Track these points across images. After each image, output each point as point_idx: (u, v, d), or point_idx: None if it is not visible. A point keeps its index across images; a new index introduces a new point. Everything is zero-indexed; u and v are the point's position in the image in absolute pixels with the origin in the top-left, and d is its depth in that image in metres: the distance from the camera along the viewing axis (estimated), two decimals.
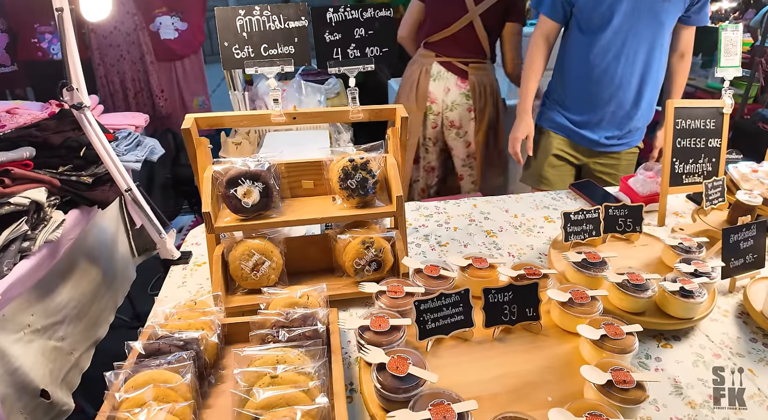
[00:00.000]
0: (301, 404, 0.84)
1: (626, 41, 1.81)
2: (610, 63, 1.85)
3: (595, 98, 1.94)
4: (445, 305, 1.08)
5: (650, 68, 1.88)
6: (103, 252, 1.57)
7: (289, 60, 1.23)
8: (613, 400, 0.90)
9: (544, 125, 2.13)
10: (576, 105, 2.00)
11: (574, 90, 1.99)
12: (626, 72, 1.87)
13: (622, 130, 2.01)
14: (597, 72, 1.89)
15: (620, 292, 1.18)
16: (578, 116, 2.01)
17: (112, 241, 1.63)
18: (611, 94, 1.91)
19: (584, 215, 1.41)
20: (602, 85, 1.90)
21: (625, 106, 1.94)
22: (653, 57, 1.87)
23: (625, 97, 1.92)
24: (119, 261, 1.67)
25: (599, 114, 1.97)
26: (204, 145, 1.25)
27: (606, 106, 1.94)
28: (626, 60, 1.85)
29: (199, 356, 1.00)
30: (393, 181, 1.26)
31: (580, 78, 1.95)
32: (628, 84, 1.89)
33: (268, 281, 1.22)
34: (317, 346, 0.98)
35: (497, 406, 0.95)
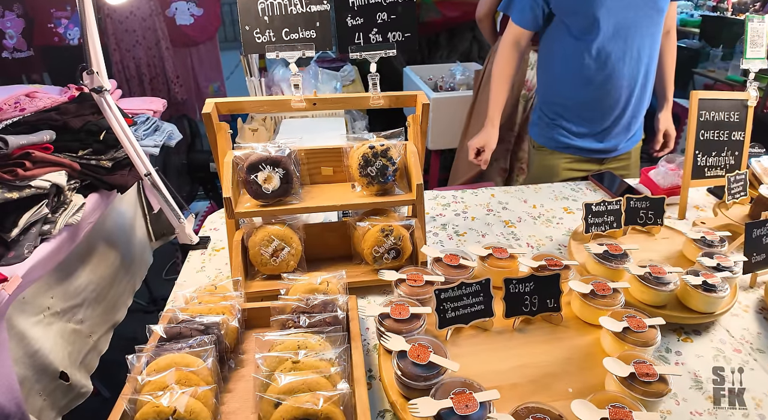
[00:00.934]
0: (323, 390, 0.84)
1: (628, 38, 1.65)
2: (615, 65, 1.68)
3: (602, 105, 1.77)
4: (465, 294, 1.07)
5: (653, 60, 1.75)
6: (121, 236, 1.57)
7: (311, 44, 1.21)
8: (635, 392, 0.89)
9: (547, 145, 1.95)
10: (579, 116, 1.83)
11: (575, 100, 1.81)
12: (633, 71, 1.71)
13: (631, 130, 1.87)
14: (600, 77, 1.71)
15: (642, 285, 1.17)
16: (583, 128, 1.84)
17: (130, 225, 1.63)
18: (618, 97, 1.75)
19: (605, 206, 1.39)
20: (608, 90, 1.73)
21: (634, 106, 1.80)
22: (654, 48, 1.74)
23: (633, 97, 1.77)
24: (137, 245, 1.67)
25: (607, 121, 1.81)
26: (224, 131, 1.24)
27: (614, 110, 1.78)
28: (631, 58, 1.69)
29: (219, 340, 1.00)
30: (413, 168, 1.25)
31: (579, 87, 1.76)
32: (635, 83, 1.74)
33: (287, 267, 1.22)
34: (338, 333, 0.97)
35: (517, 396, 0.94)
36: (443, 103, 2.80)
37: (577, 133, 1.85)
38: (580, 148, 1.87)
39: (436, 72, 3.14)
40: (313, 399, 0.81)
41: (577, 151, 1.88)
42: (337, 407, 0.82)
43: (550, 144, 1.92)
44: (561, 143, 1.89)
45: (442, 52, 3.47)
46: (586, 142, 1.85)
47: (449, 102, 2.85)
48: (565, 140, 1.87)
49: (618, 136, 1.86)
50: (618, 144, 1.88)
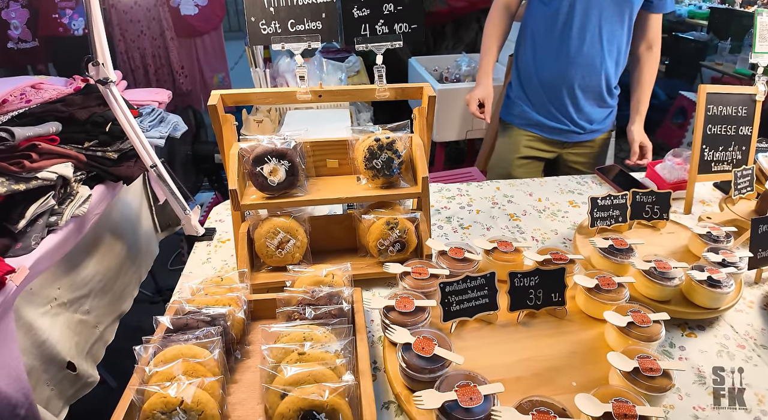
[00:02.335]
0: (329, 381, 0.84)
1: (589, 13, 1.70)
2: (575, 39, 1.74)
3: (562, 83, 1.83)
4: (470, 288, 1.07)
5: (618, 54, 1.79)
6: (127, 227, 1.58)
7: (317, 36, 1.21)
8: (639, 387, 0.89)
9: (509, 120, 2.00)
10: (541, 93, 1.88)
11: (538, 75, 1.87)
12: (593, 52, 1.75)
13: (592, 117, 1.90)
14: (562, 51, 1.77)
15: (646, 280, 1.16)
16: (544, 106, 1.89)
17: (136, 216, 1.64)
18: (576, 76, 1.80)
19: (611, 200, 1.38)
20: (568, 67, 1.79)
21: (594, 92, 1.84)
22: (619, 42, 1.77)
23: (593, 81, 1.81)
24: (143, 236, 1.68)
25: (567, 100, 1.85)
26: (230, 122, 1.24)
27: (573, 90, 1.83)
28: (592, 37, 1.73)
29: (226, 332, 1.00)
30: (419, 161, 1.24)
31: (542, 60, 1.83)
32: (595, 66, 1.78)
33: (293, 259, 1.22)
34: (343, 325, 0.98)
35: (521, 390, 0.95)
36: (448, 94, 2.77)
37: (536, 109, 1.91)
38: (539, 124, 1.93)
39: (441, 63, 3.11)
40: (318, 390, 0.82)
41: (536, 128, 1.94)
42: (343, 399, 0.83)
43: (514, 120, 1.99)
44: (522, 119, 1.95)
45: (447, 43, 3.43)
46: (544, 119, 1.91)
47: (454, 93, 2.82)
48: (525, 115, 1.94)
49: (575, 119, 1.90)
50: (575, 127, 1.91)
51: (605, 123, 1.98)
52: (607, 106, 1.94)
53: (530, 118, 1.94)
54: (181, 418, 0.82)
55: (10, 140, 1.19)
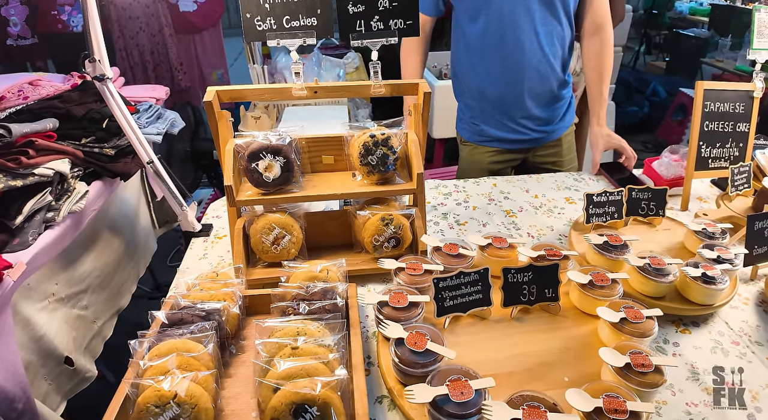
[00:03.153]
0: (321, 375, 0.85)
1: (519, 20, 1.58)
2: (510, 48, 1.62)
3: (505, 93, 1.72)
4: (464, 283, 1.07)
5: (556, 46, 1.66)
6: (125, 223, 1.59)
7: (312, 32, 1.21)
8: (630, 382, 0.89)
9: (467, 138, 1.90)
10: (489, 107, 1.78)
11: (481, 90, 1.76)
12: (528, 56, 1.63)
13: (546, 119, 1.79)
14: (496, 63, 1.66)
15: (641, 276, 1.17)
16: (495, 119, 1.79)
17: (133, 212, 1.65)
18: (516, 84, 1.68)
19: (607, 197, 1.38)
20: (506, 76, 1.68)
21: (546, 93, 1.73)
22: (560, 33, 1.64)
23: (542, 85, 1.70)
24: (141, 232, 1.69)
25: (514, 110, 1.75)
26: (225, 119, 1.24)
27: (517, 98, 1.72)
28: (530, 44, 1.61)
29: (221, 326, 1.01)
30: (414, 157, 1.25)
31: (480, 75, 1.72)
32: (532, 68, 1.66)
33: (288, 255, 1.23)
34: (337, 320, 0.98)
35: (513, 385, 0.95)
36: (447, 90, 2.75)
37: (492, 125, 1.81)
38: (498, 139, 1.83)
39: (440, 59, 3.10)
40: (311, 384, 0.83)
41: (496, 142, 1.84)
42: (335, 392, 0.84)
43: (472, 138, 1.89)
44: (481, 136, 1.86)
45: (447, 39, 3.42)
46: (502, 133, 1.81)
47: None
48: (483, 133, 1.84)
49: (533, 127, 1.79)
50: (536, 134, 1.81)
51: (566, 120, 1.87)
52: (561, 101, 1.81)
53: (487, 135, 1.83)
54: (174, 411, 0.83)
55: (7, 137, 1.19)
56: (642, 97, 4.29)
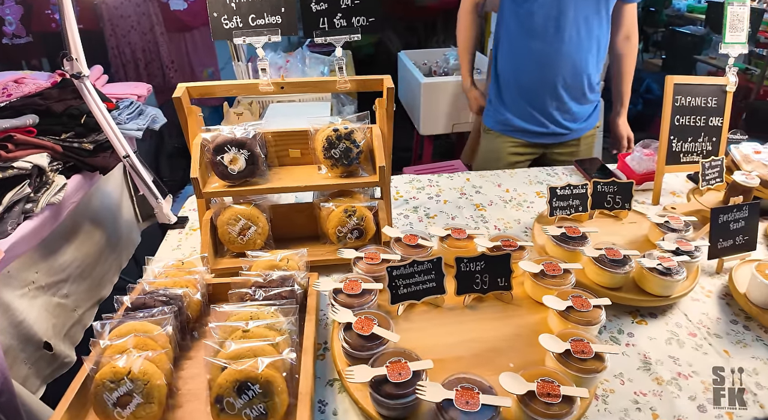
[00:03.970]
0: (268, 356, 0.91)
1: (564, 10, 1.71)
2: (551, 40, 1.75)
3: (540, 85, 1.85)
4: (417, 272, 1.12)
5: (597, 49, 1.81)
6: (107, 216, 1.66)
7: (276, 30, 1.27)
8: (570, 368, 0.92)
9: (491, 127, 2.03)
10: (520, 97, 1.90)
11: (516, 79, 1.89)
12: (570, 51, 1.76)
13: (575, 116, 1.92)
14: (537, 52, 1.79)
15: (596, 267, 1.20)
16: (524, 109, 1.91)
17: (116, 206, 1.72)
18: (555, 77, 1.82)
19: (571, 190, 1.42)
20: (545, 68, 1.81)
21: (574, 90, 1.85)
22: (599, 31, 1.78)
23: (572, 80, 1.83)
24: (123, 225, 1.76)
25: (546, 102, 1.87)
26: (195, 114, 1.31)
27: (552, 91, 1.84)
28: (570, 37, 1.74)
29: (181, 311, 1.08)
30: (377, 151, 1.30)
31: (519, 63, 1.85)
32: (573, 64, 1.79)
33: (255, 245, 1.29)
34: (291, 305, 1.04)
35: (459, 369, 0.98)
36: (434, 88, 2.81)
37: (518, 115, 1.93)
38: (522, 130, 1.95)
39: (430, 57, 3.16)
40: (255, 363, 0.88)
41: (519, 133, 1.96)
42: (278, 372, 0.89)
43: (496, 127, 2.01)
44: (505, 126, 1.97)
45: (438, 37, 3.48)
46: (527, 124, 1.93)
47: (440, 87, 2.86)
48: (508, 122, 1.95)
49: (560, 120, 1.92)
50: (560, 129, 1.94)
51: (589, 121, 2.00)
52: (589, 103, 1.95)
53: (512, 125, 1.95)
54: (128, 387, 0.89)
55: None
56: (635, 95, 4.31)
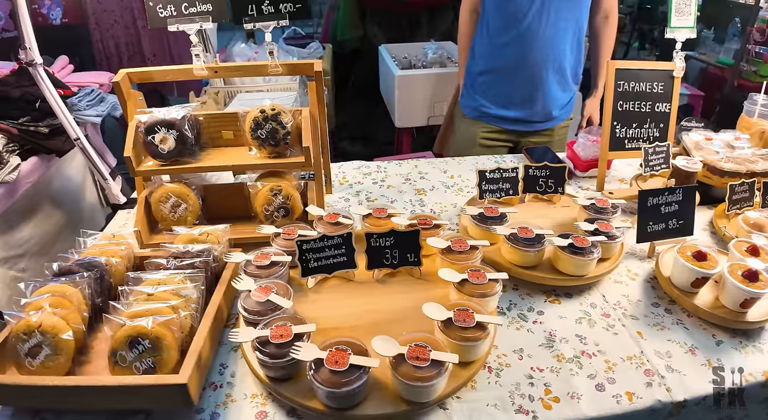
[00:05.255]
0: (162, 316, 1.01)
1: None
2: (528, 27, 1.81)
3: (515, 72, 1.90)
4: (327, 246, 1.20)
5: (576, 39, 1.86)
6: (67, 198, 1.80)
7: (207, 17, 1.38)
8: (450, 336, 0.99)
9: (468, 114, 2.10)
10: (495, 83, 1.96)
11: (492, 65, 1.95)
12: (548, 40, 1.82)
13: (548, 105, 1.97)
14: (514, 40, 1.84)
15: (509, 246, 1.26)
16: (498, 96, 1.98)
17: (77, 189, 1.86)
18: (531, 66, 1.87)
19: (500, 174, 1.48)
20: (521, 56, 1.86)
21: (549, 80, 1.91)
22: (578, 25, 1.84)
23: (547, 70, 1.88)
24: (86, 208, 1.90)
25: (520, 89, 1.94)
26: (135, 98, 1.43)
27: (527, 80, 1.91)
28: (547, 23, 1.80)
29: (103, 278, 1.19)
30: (305, 132, 1.38)
31: (496, 49, 1.91)
32: (550, 54, 1.85)
33: (186, 222, 1.39)
34: (199, 274, 1.14)
35: (355, 336, 1.07)
36: (409, 80, 2.89)
37: (492, 101, 1.99)
38: (495, 116, 2.00)
39: (411, 50, 3.23)
40: (147, 322, 0.98)
41: (492, 119, 2.02)
42: (168, 329, 0.99)
43: (470, 113, 2.07)
44: (479, 112, 2.03)
45: (423, 32, 3.54)
46: (500, 110, 1.98)
47: (414, 79, 2.93)
48: (482, 108, 2.01)
49: (532, 109, 1.97)
50: (533, 116, 1.98)
51: (564, 111, 2.05)
52: (564, 91, 1.99)
53: (485, 111, 2.03)
54: (38, 339, 1.00)
55: None
56: None
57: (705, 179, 1.64)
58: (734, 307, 1.19)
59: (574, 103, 2.12)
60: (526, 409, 0.98)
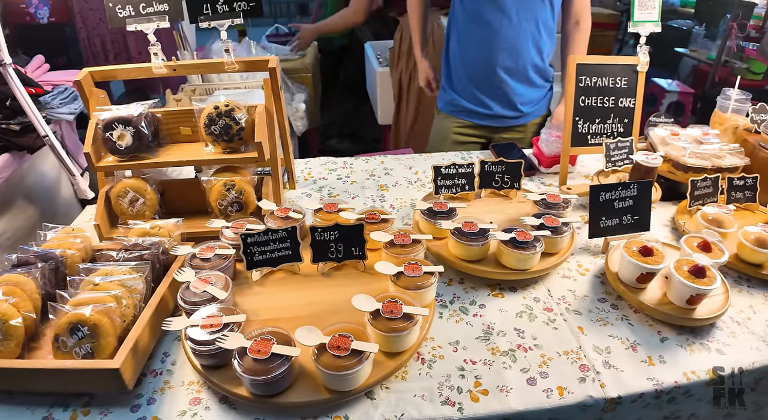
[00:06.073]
0: (101, 304, 1.07)
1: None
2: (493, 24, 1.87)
3: (484, 67, 1.97)
4: (272, 240, 1.26)
5: (533, 25, 1.90)
6: (41, 194, 1.89)
7: (164, 17, 1.44)
8: (377, 328, 1.03)
9: (442, 109, 2.17)
10: (467, 78, 2.03)
11: (463, 60, 2.02)
12: (513, 36, 1.88)
13: (518, 101, 2.04)
14: (481, 36, 1.91)
15: (453, 240, 1.30)
16: (470, 91, 2.04)
17: (52, 185, 1.94)
18: (497, 60, 1.94)
19: (456, 169, 1.52)
20: (489, 51, 1.93)
21: (518, 75, 1.98)
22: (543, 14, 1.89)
23: (517, 59, 1.94)
24: (61, 205, 1.99)
25: (491, 84, 2.00)
26: (96, 96, 1.50)
27: (496, 75, 1.97)
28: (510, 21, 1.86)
29: (58, 269, 1.26)
30: (258, 128, 1.44)
31: (465, 45, 1.98)
32: (517, 50, 1.92)
33: (144, 217, 1.46)
34: (145, 265, 1.20)
35: (290, 327, 1.12)
36: (389, 77, 2.92)
37: (464, 96, 2.05)
38: (468, 110, 2.06)
39: None
40: (86, 309, 1.05)
41: (465, 114, 2.08)
42: (107, 317, 1.05)
43: (445, 108, 2.14)
44: (453, 107, 2.09)
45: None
46: (473, 106, 2.04)
47: None
48: (455, 103, 2.07)
49: (503, 103, 2.03)
50: (504, 111, 2.04)
51: (537, 108, 2.10)
52: (534, 87, 2.05)
53: (459, 105, 2.09)
54: None
55: None
56: None
57: (670, 175, 1.65)
58: (681, 304, 1.21)
59: (549, 100, 2.16)
60: (453, 400, 1.01)
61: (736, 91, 1.76)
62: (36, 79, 1.90)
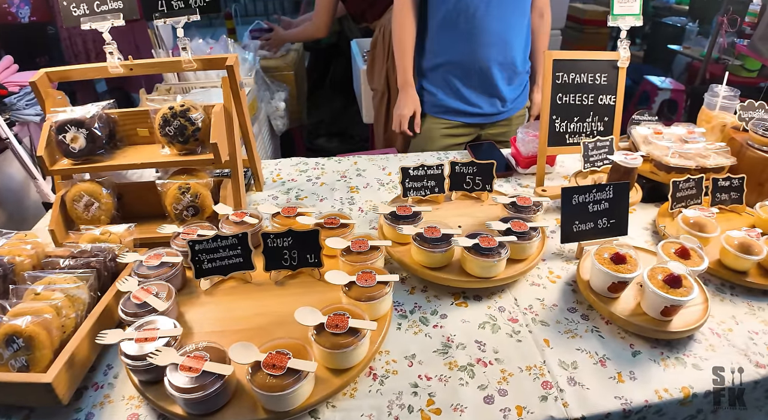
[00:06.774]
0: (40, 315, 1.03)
1: None
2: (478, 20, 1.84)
3: (468, 64, 1.93)
4: (222, 247, 1.21)
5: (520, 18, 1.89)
6: (9, 197, 1.86)
7: (119, 14, 1.40)
8: (319, 343, 0.98)
9: (428, 111, 2.11)
10: (450, 76, 1.98)
11: (445, 59, 1.97)
12: (497, 32, 1.86)
13: (503, 95, 2.02)
14: (465, 31, 1.87)
15: (415, 247, 1.25)
16: (453, 89, 2.00)
17: (20, 188, 1.92)
18: (482, 56, 1.91)
19: (425, 171, 1.46)
20: (473, 48, 1.89)
21: (501, 69, 1.95)
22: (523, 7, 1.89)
23: (499, 60, 1.92)
24: (30, 207, 1.96)
25: (474, 81, 1.97)
26: (53, 97, 1.46)
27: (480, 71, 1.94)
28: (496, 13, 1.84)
29: (6, 276, 1.22)
30: (213, 128, 1.38)
31: (447, 43, 1.93)
32: (501, 46, 1.90)
33: (99, 221, 1.42)
34: (88, 274, 1.16)
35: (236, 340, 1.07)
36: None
37: (450, 95, 2.00)
38: (455, 110, 2.02)
39: None
40: (23, 321, 1.01)
41: (452, 114, 2.03)
42: (43, 329, 1.01)
43: (431, 110, 2.07)
44: (438, 108, 2.04)
45: None
46: (460, 105, 2.01)
47: None
48: (441, 104, 2.02)
49: (491, 99, 2.00)
50: (492, 108, 2.02)
51: (519, 100, 2.10)
52: (519, 81, 2.05)
53: (445, 106, 2.04)
54: None
55: None
56: None
57: (652, 175, 1.58)
58: (655, 315, 1.14)
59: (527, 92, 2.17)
60: None
61: (724, 88, 1.68)
62: (4, 80, 1.87)
